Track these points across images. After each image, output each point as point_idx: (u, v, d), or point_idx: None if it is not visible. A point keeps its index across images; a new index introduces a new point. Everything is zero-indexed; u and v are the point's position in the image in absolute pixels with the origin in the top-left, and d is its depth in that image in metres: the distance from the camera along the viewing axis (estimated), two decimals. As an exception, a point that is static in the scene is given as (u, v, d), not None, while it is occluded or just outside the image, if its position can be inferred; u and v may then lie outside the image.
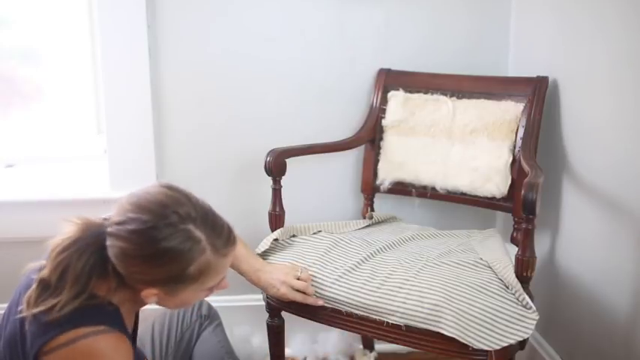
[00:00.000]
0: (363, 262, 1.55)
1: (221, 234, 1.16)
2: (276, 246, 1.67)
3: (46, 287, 1.12)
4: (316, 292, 1.52)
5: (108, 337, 1.10)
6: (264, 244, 1.65)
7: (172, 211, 1.11)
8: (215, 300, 1.96)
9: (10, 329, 1.16)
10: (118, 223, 1.11)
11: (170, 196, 1.13)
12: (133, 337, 1.32)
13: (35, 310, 1.10)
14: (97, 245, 1.13)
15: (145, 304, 1.22)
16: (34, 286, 1.13)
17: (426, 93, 1.95)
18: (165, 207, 1.11)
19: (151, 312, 1.76)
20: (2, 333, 1.20)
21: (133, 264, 1.11)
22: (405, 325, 1.41)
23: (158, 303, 1.20)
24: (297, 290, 1.51)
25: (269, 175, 1.74)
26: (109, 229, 1.12)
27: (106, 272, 1.13)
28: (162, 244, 1.09)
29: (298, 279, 1.51)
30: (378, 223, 1.93)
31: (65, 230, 1.16)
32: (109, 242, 1.12)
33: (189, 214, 1.12)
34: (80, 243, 1.14)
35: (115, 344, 1.11)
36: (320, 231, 1.76)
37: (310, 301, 1.51)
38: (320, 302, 1.51)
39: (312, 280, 1.53)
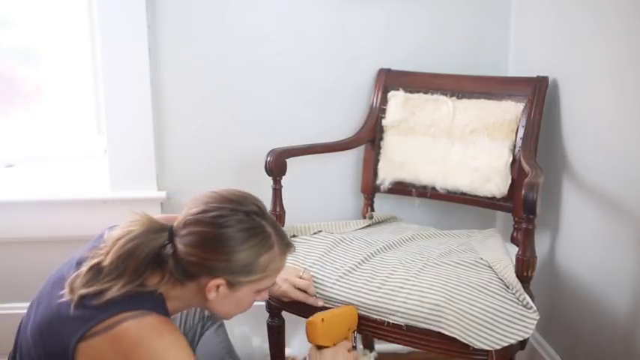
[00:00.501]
0: (363, 262, 1.55)
1: (285, 237, 1.25)
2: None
3: (98, 272, 1.14)
4: (317, 292, 1.52)
5: (150, 318, 1.12)
6: None
7: (252, 203, 1.21)
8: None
9: (47, 314, 1.16)
10: (200, 212, 1.17)
11: (248, 196, 1.24)
12: None
13: (82, 292, 1.12)
14: (159, 242, 1.17)
15: (193, 304, 1.25)
16: (83, 269, 1.15)
17: (426, 93, 1.95)
18: (246, 200, 1.21)
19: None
20: (30, 320, 1.20)
21: (209, 250, 1.15)
22: (406, 325, 1.41)
23: (214, 302, 1.21)
24: (299, 289, 1.52)
25: (269, 175, 1.74)
26: (186, 219, 1.17)
27: (161, 268, 1.17)
28: (243, 230, 1.16)
29: (300, 278, 1.52)
30: (378, 223, 1.93)
31: (128, 223, 1.18)
32: (184, 231, 1.16)
33: (264, 211, 1.23)
34: (144, 237, 1.16)
35: (157, 325, 1.12)
36: (320, 231, 1.76)
37: (311, 301, 1.51)
38: (320, 303, 1.51)
39: (313, 281, 1.53)
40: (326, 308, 1.51)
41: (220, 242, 1.15)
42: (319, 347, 1.36)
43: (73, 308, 1.12)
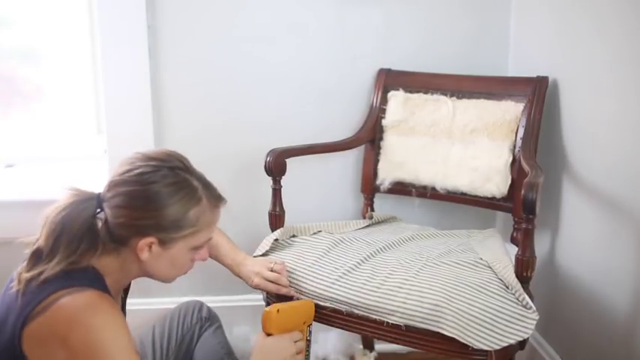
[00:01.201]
0: (363, 262, 1.55)
1: (214, 190, 1.27)
2: (276, 246, 1.67)
3: (38, 256, 1.14)
4: (316, 291, 1.52)
5: (88, 293, 1.10)
6: (265, 245, 1.66)
7: (176, 159, 1.22)
8: (215, 300, 1.97)
9: (0, 312, 1.15)
10: (125, 172, 1.17)
11: (172, 152, 1.24)
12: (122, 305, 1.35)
13: (26, 276, 1.12)
14: (89, 211, 1.17)
15: (132, 274, 1.24)
16: (26, 259, 1.16)
17: (426, 93, 1.95)
18: (170, 156, 1.21)
19: (152, 315, 1.77)
20: None
21: (137, 208, 1.15)
22: (405, 325, 1.41)
23: (149, 263, 1.20)
24: (271, 282, 1.54)
25: (269, 175, 1.74)
26: (111, 181, 1.17)
27: (94, 239, 1.16)
28: (168, 185, 1.16)
29: (272, 271, 1.54)
30: (378, 223, 1.93)
31: (59, 200, 1.18)
32: (110, 193, 1.16)
33: (189, 167, 1.23)
34: (74, 207, 1.16)
35: (95, 298, 1.10)
36: (320, 231, 1.76)
37: (283, 291, 1.54)
38: (292, 292, 1.54)
39: (309, 278, 1.53)
40: (326, 308, 1.51)
41: (147, 199, 1.15)
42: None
43: (20, 297, 1.11)
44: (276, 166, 1.73)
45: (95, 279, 1.15)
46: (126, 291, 1.41)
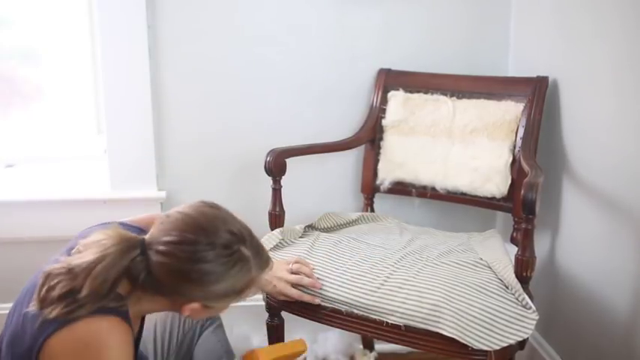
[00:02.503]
0: (363, 262, 1.55)
1: (263, 253, 1.21)
2: (275, 246, 1.67)
3: (72, 295, 1.10)
4: (316, 291, 1.51)
5: (111, 318, 1.09)
6: (266, 243, 1.65)
7: (225, 230, 1.14)
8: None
9: (18, 323, 1.15)
10: (173, 243, 1.11)
11: (220, 216, 1.17)
12: (137, 338, 1.32)
13: (56, 312, 1.08)
14: (132, 257, 1.12)
15: (160, 310, 1.23)
16: (55, 294, 1.10)
17: (426, 93, 1.95)
18: (218, 227, 1.14)
19: (153, 315, 1.77)
20: (6, 331, 1.19)
21: (187, 281, 1.12)
22: (405, 325, 1.41)
23: (190, 314, 1.19)
24: (295, 286, 1.51)
25: (269, 175, 1.74)
26: (158, 247, 1.12)
27: (131, 279, 1.13)
28: (221, 264, 1.12)
29: (292, 272, 1.51)
30: (378, 222, 1.92)
31: (101, 245, 1.12)
32: (156, 259, 1.11)
33: (241, 234, 1.16)
34: (119, 258, 1.11)
35: (117, 326, 1.10)
36: (318, 229, 1.76)
37: (306, 298, 1.50)
38: (317, 301, 1.50)
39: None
40: (326, 308, 1.51)
41: (197, 276, 1.11)
42: None
43: (38, 318, 1.09)
44: (276, 166, 1.73)
45: (119, 305, 1.13)
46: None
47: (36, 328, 1.09)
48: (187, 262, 1.11)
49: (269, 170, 1.73)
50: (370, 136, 2.00)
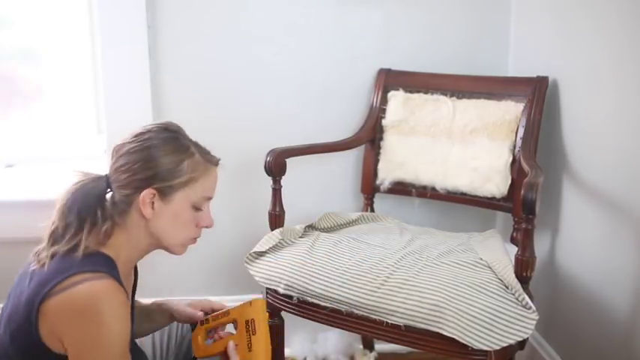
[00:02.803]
0: (363, 262, 1.55)
1: (206, 149, 1.37)
2: (275, 246, 1.67)
3: (56, 235, 1.22)
4: (316, 291, 1.51)
5: (106, 282, 1.15)
6: (266, 242, 1.65)
7: (171, 124, 1.34)
8: (215, 300, 1.96)
9: (14, 298, 1.20)
10: (120, 142, 1.28)
11: (168, 121, 1.35)
12: (133, 290, 1.41)
13: (46, 253, 1.19)
14: (100, 188, 1.26)
15: (141, 245, 1.28)
16: (44, 239, 1.23)
17: (426, 93, 1.95)
18: (164, 122, 1.34)
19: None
20: (3, 315, 1.22)
21: (135, 162, 1.24)
22: (405, 325, 1.41)
23: (153, 223, 1.25)
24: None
25: (269, 175, 1.74)
26: (113, 148, 1.29)
27: (104, 214, 1.23)
28: (161, 140, 1.27)
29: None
30: (378, 222, 1.92)
31: (68, 181, 1.28)
32: (113, 160, 1.27)
33: (182, 131, 1.35)
34: (84, 184, 1.26)
35: (112, 290, 1.15)
36: (316, 228, 1.76)
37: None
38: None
39: (309, 278, 1.53)
40: (326, 308, 1.50)
41: (143, 152, 1.24)
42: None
43: (38, 275, 1.17)
44: (276, 166, 1.73)
45: (111, 266, 1.20)
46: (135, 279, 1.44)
47: (34, 289, 1.15)
48: (132, 143, 1.26)
49: (269, 170, 1.73)
50: (370, 136, 2.00)
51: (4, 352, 1.19)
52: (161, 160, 1.25)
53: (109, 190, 1.26)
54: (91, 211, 1.23)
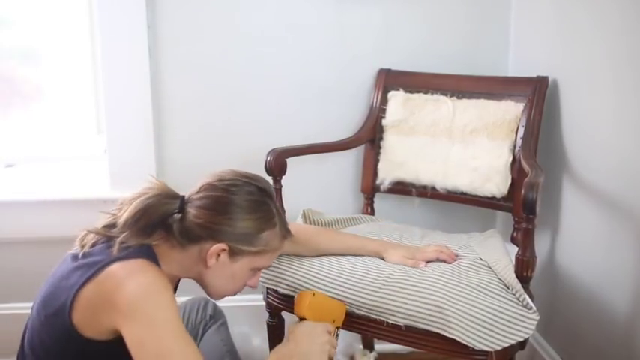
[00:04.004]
0: (363, 261, 1.55)
1: (285, 222, 1.33)
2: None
3: (111, 227, 1.22)
4: (317, 290, 1.51)
5: (140, 260, 1.16)
6: None
7: (265, 183, 1.31)
8: (215, 300, 1.96)
9: (50, 283, 1.20)
10: (216, 180, 1.26)
11: (263, 178, 1.33)
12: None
13: (93, 237, 1.21)
14: (171, 208, 1.24)
15: (189, 272, 1.28)
16: (98, 226, 1.24)
17: (426, 93, 1.95)
18: (259, 178, 1.32)
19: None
20: (35, 305, 1.23)
21: (218, 212, 1.23)
22: (405, 325, 1.41)
23: (211, 271, 1.26)
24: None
25: (269, 175, 1.74)
26: (202, 185, 1.26)
27: (167, 232, 1.23)
28: (250, 201, 1.25)
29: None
30: (378, 222, 1.92)
31: (145, 187, 1.26)
32: (197, 195, 1.24)
33: (272, 194, 1.31)
34: (159, 199, 1.24)
35: (145, 266, 1.15)
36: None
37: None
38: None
39: (310, 278, 1.52)
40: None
41: (227, 206, 1.23)
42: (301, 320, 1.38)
43: (79, 260, 1.17)
44: (276, 166, 1.73)
45: (150, 255, 1.20)
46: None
47: (71, 277, 1.15)
48: (221, 191, 1.24)
49: (269, 170, 1.73)
50: (370, 136, 2.00)
51: (37, 334, 1.19)
52: (242, 222, 1.24)
53: (177, 212, 1.24)
54: (154, 228, 1.22)
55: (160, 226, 1.23)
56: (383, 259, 1.55)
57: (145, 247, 1.20)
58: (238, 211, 1.23)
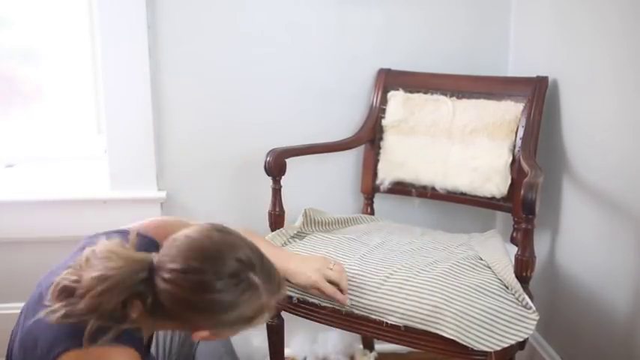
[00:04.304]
0: (362, 261, 1.55)
1: (274, 278, 1.16)
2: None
3: (70, 294, 1.09)
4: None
5: (122, 350, 1.07)
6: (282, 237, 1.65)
7: (233, 258, 1.10)
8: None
9: (30, 328, 1.13)
10: (178, 271, 1.08)
11: (228, 240, 1.13)
12: (148, 344, 1.31)
13: (63, 312, 1.07)
14: (137, 279, 1.10)
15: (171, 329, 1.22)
16: (54, 289, 1.10)
17: (425, 93, 1.95)
18: (224, 255, 1.10)
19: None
20: (18, 331, 1.18)
21: (196, 312, 1.10)
22: (404, 326, 1.41)
23: (201, 339, 1.21)
24: (330, 282, 1.44)
25: (269, 175, 1.74)
26: (164, 275, 1.08)
27: (140, 298, 1.11)
28: (224, 295, 1.08)
29: (331, 270, 1.45)
30: (378, 222, 1.92)
31: (106, 263, 1.09)
32: (162, 286, 1.08)
33: (250, 260, 1.12)
34: (124, 278, 1.08)
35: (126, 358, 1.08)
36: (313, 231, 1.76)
37: (339, 297, 1.43)
38: (348, 302, 1.45)
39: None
40: (326, 307, 1.50)
41: (204, 306, 1.09)
42: None
43: (55, 328, 1.08)
44: (276, 166, 1.73)
45: (133, 337, 1.11)
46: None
47: (50, 339, 1.07)
48: (193, 292, 1.07)
49: (269, 170, 1.73)
50: (370, 136, 2.00)
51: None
52: (224, 316, 1.10)
53: (148, 279, 1.10)
54: (123, 305, 1.09)
55: (130, 300, 1.09)
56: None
57: (131, 332, 1.09)
58: (217, 309, 1.09)
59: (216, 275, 1.07)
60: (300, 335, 2.09)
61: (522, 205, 1.39)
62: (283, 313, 1.66)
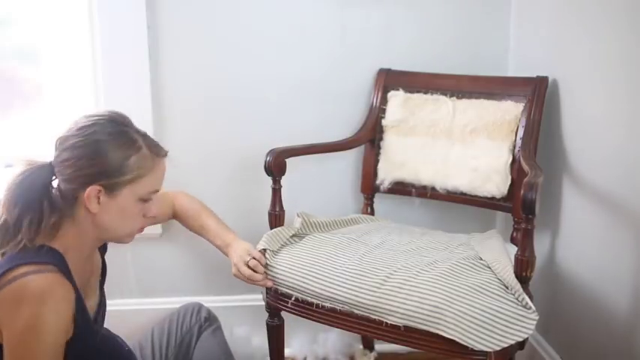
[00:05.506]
0: (362, 262, 1.55)
1: (154, 141, 1.33)
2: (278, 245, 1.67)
3: (6, 230, 1.22)
4: (316, 291, 1.51)
5: (49, 276, 1.16)
6: (274, 242, 1.65)
7: (117, 115, 1.30)
8: (215, 300, 1.97)
9: None
10: (66, 131, 1.26)
11: (114, 110, 1.32)
12: (103, 272, 1.43)
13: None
14: (44, 177, 1.25)
15: (89, 237, 1.28)
16: None
17: (426, 93, 1.95)
18: (110, 112, 1.30)
19: (151, 318, 1.77)
20: None
21: (80, 157, 1.22)
22: (404, 326, 1.41)
23: (100, 217, 1.26)
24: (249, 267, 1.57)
25: (269, 175, 1.74)
26: (56, 139, 1.26)
27: (52, 206, 1.23)
28: (107, 134, 1.24)
29: (248, 264, 1.56)
30: (378, 222, 1.92)
31: (14, 170, 1.27)
32: (57, 152, 1.25)
33: (129, 123, 1.30)
34: (28, 174, 1.25)
35: (54, 283, 1.16)
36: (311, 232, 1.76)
37: (257, 277, 1.56)
38: (269, 283, 1.57)
39: (309, 278, 1.53)
40: (325, 307, 1.50)
41: (88, 147, 1.23)
42: None
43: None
44: (275, 166, 1.73)
45: (58, 259, 1.20)
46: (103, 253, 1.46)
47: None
48: (78, 137, 1.23)
49: (269, 170, 1.73)
50: (370, 136, 2.00)
51: None
52: (107, 156, 1.23)
53: (54, 178, 1.26)
54: (37, 204, 1.22)
55: (45, 201, 1.23)
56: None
57: (52, 251, 1.21)
58: (98, 149, 1.23)
59: (96, 121, 1.26)
60: (300, 335, 2.09)
61: (522, 205, 1.39)
62: (283, 313, 1.66)
